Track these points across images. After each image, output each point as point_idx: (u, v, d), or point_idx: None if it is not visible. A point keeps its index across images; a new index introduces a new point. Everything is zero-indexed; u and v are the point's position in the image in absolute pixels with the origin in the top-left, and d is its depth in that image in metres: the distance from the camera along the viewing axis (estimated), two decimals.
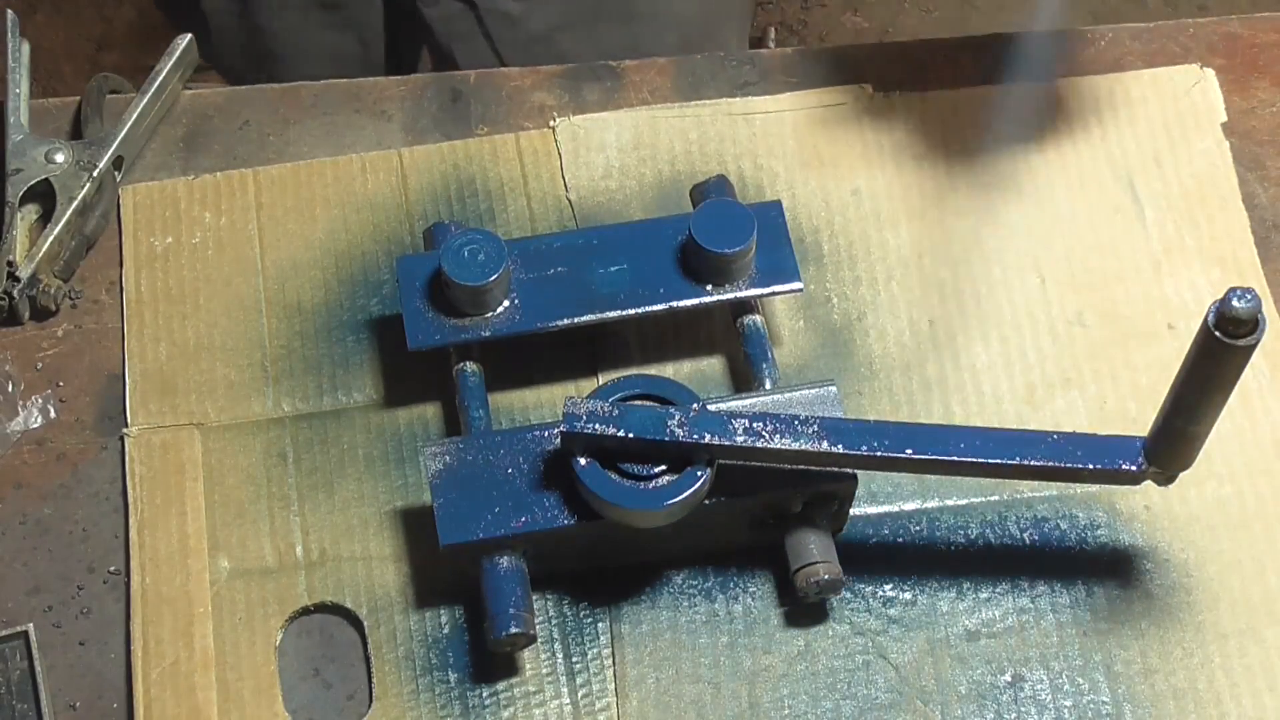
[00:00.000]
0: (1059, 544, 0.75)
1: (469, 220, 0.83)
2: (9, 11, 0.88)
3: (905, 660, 0.73)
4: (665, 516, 0.68)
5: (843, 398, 0.73)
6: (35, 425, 0.78)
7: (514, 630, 0.68)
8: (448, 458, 0.71)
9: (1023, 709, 0.71)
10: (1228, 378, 0.61)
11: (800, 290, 0.77)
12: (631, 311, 0.76)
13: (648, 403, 0.70)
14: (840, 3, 1.98)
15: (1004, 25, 0.93)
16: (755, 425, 0.67)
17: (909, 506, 0.76)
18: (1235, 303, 0.57)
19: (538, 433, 0.72)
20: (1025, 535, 0.76)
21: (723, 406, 0.71)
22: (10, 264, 0.80)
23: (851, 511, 0.74)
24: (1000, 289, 0.82)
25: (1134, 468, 0.68)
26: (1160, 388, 0.66)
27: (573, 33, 1.06)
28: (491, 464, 0.71)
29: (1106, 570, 0.75)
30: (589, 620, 0.73)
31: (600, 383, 0.76)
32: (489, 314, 0.75)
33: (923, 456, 0.68)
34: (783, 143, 0.85)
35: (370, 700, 0.72)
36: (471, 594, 0.72)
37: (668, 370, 0.79)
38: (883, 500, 0.76)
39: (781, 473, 0.70)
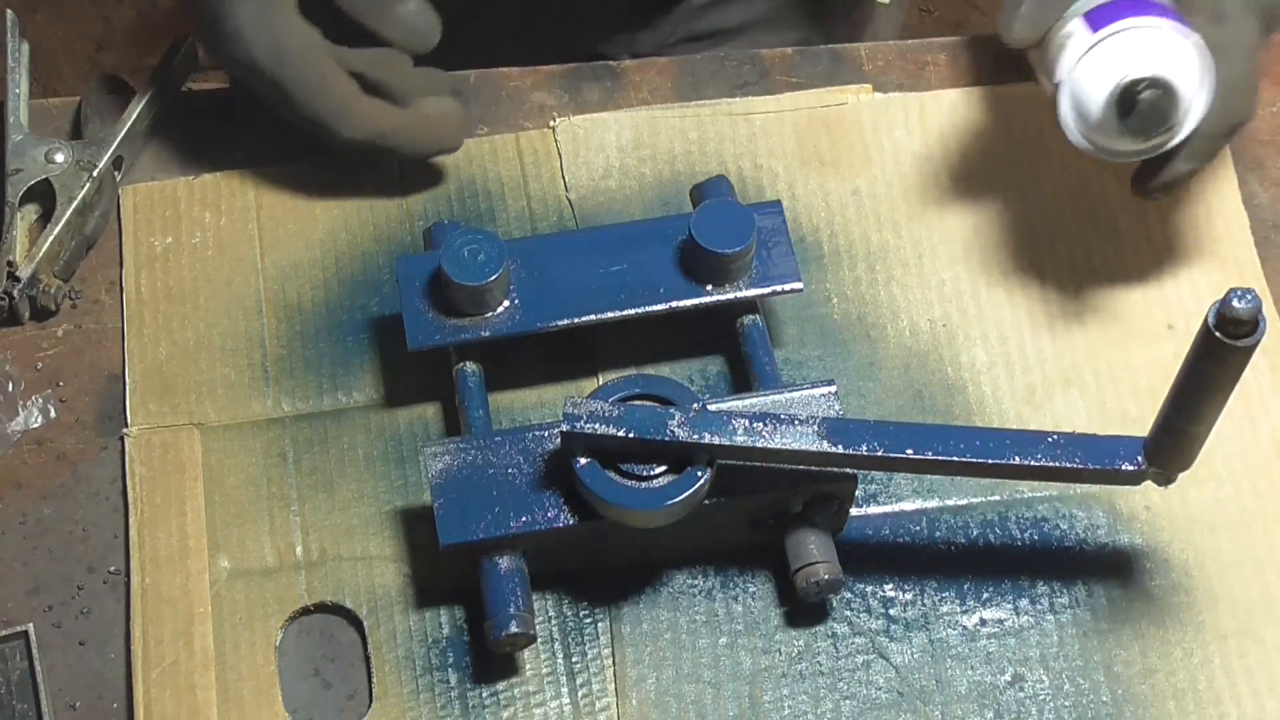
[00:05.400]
0: (1059, 544, 0.75)
1: (469, 220, 0.83)
2: (9, 11, 0.88)
3: (905, 660, 0.73)
4: (665, 516, 0.68)
5: (843, 398, 0.73)
6: (35, 425, 0.78)
7: (514, 630, 0.68)
8: (448, 458, 0.71)
9: (1023, 709, 0.71)
10: (1228, 378, 0.61)
11: (800, 290, 0.77)
12: (631, 311, 0.76)
13: (648, 403, 0.70)
14: None
15: None
16: (755, 425, 0.67)
17: (909, 506, 0.76)
18: (1235, 303, 0.57)
19: (538, 433, 0.71)
20: (1025, 535, 0.76)
21: (723, 406, 0.71)
22: (10, 264, 0.80)
23: (851, 511, 0.74)
24: (1000, 289, 0.82)
25: (1134, 468, 0.68)
26: (1160, 388, 0.65)
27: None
28: (491, 464, 0.71)
29: (1106, 570, 0.75)
30: (589, 620, 0.73)
31: (600, 383, 0.76)
32: (489, 314, 0.75)
33: (923, 456, 0.68)
34: (783, 143, 0.85)
35: (370, 700, 0.72)
36: (471, 594, 0.72)
37: (667, 370, 0.79)
38: (883, 500, 0.76)
39: (781, 473, 0.70)
